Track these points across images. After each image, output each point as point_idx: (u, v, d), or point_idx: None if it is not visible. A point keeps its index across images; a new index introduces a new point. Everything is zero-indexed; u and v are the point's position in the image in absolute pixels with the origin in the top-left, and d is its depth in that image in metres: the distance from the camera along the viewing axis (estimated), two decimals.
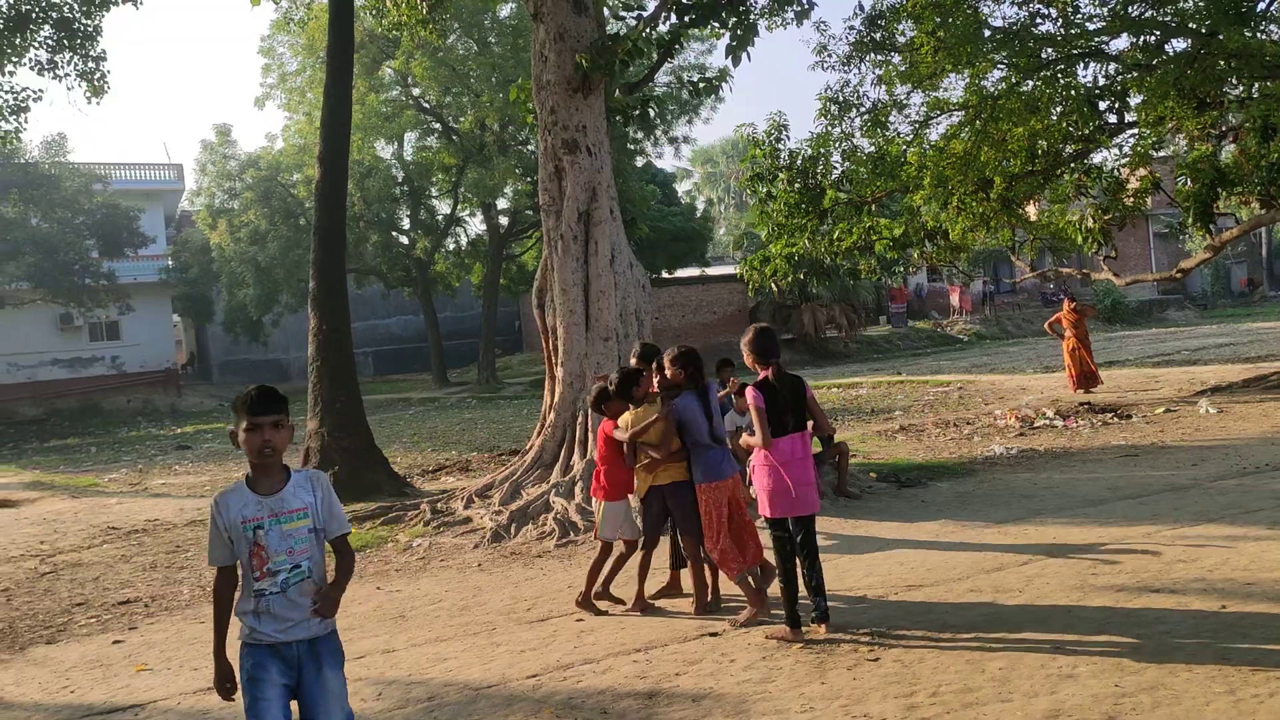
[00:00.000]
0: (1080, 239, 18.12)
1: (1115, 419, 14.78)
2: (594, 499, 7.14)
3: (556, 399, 10.98)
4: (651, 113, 15.52)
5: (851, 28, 16.77)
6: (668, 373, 6.57)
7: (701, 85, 14.12)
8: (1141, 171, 17.18)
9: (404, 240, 37.51)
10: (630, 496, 6.88)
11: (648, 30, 11.92)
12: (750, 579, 6.34)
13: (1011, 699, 4.67)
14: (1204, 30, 14.33)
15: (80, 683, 6.13)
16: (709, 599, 6.62)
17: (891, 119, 17.02)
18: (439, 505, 10.77)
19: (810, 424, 6.15)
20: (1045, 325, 20.30)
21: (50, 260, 32.74)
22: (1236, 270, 58.73)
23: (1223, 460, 10.75)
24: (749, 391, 5.94)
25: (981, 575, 6.92)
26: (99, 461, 21.80)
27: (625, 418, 6.71)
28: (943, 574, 7.03)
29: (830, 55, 16.89)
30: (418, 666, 5.86)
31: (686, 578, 6.82)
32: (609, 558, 6.90)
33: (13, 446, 26.95)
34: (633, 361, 7.15)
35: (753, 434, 5.91)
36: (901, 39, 16.40)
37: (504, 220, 37.91)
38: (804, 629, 5.79)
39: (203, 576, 8.96)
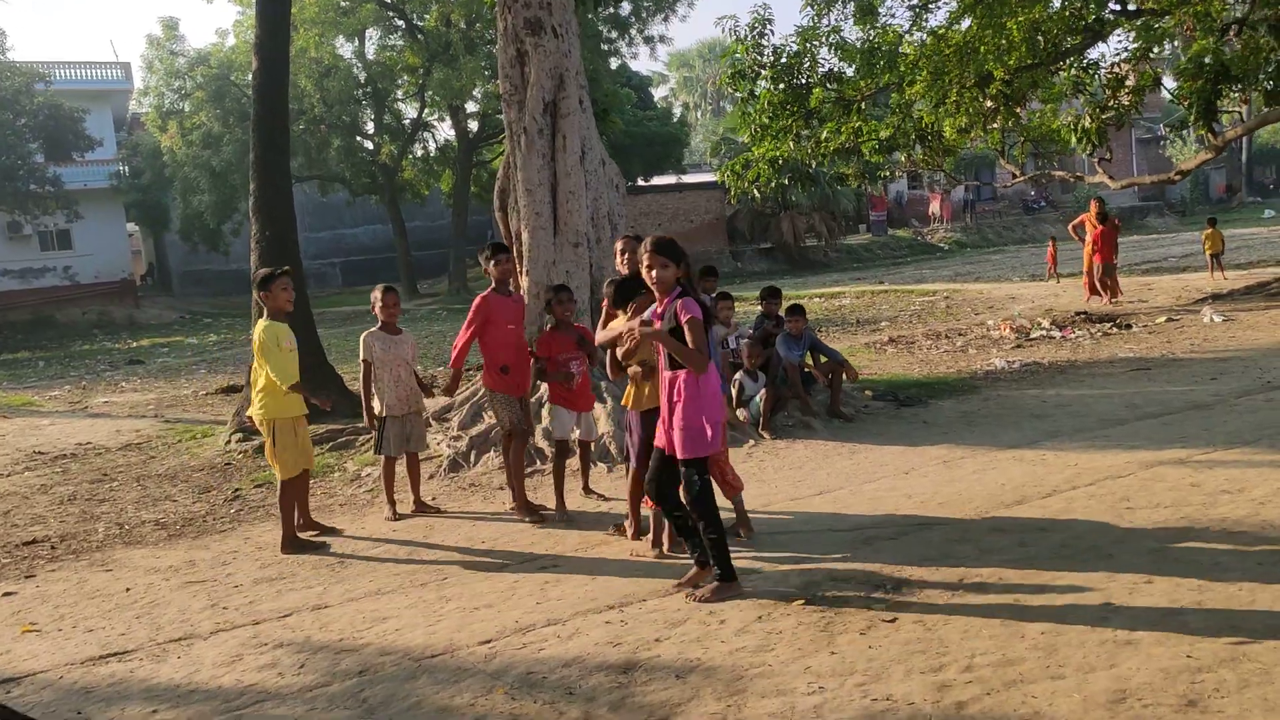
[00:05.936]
0: (1075, 140, 17.18)
1: (1115, 329, 14.02)
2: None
3: None
4: None
5: None
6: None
7: None
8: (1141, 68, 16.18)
9: (368, 145, 35.91)
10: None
11: None
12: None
13: (1063, 675, 3.83)
14: None
15: None
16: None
17: (884, 7, 15.84)
18: None
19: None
20: (1069, 227, 20.14)
21: None
22: (1215, 176, 58.01)
23: (1243, 374, 9.97)
24: (683, 303, 4.84)
25: (1001, 510, 6.09)
26: (45, 377, 20.68)
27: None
28: (956, 508, 6.19)
29: None
30: (352, 628, 4.97)
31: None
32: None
33: None
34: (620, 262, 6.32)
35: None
36: None
37: (473, 124, 36.33)
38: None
39: (122, 513, 8.02)
